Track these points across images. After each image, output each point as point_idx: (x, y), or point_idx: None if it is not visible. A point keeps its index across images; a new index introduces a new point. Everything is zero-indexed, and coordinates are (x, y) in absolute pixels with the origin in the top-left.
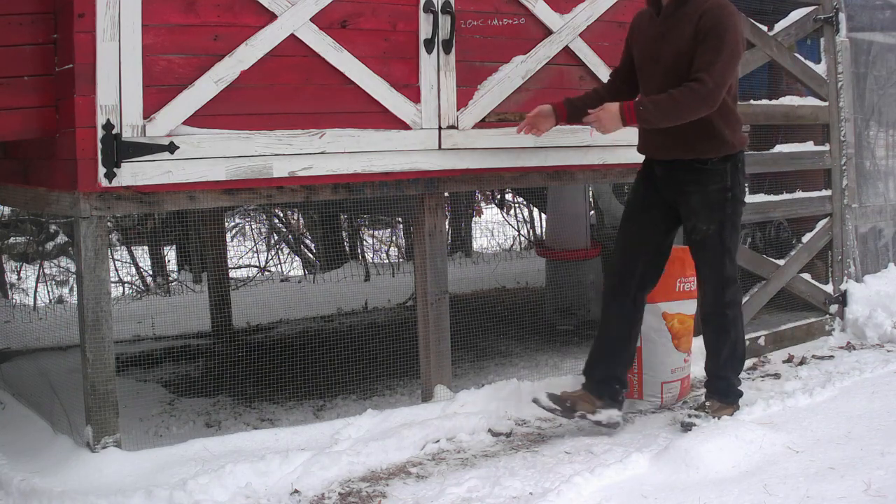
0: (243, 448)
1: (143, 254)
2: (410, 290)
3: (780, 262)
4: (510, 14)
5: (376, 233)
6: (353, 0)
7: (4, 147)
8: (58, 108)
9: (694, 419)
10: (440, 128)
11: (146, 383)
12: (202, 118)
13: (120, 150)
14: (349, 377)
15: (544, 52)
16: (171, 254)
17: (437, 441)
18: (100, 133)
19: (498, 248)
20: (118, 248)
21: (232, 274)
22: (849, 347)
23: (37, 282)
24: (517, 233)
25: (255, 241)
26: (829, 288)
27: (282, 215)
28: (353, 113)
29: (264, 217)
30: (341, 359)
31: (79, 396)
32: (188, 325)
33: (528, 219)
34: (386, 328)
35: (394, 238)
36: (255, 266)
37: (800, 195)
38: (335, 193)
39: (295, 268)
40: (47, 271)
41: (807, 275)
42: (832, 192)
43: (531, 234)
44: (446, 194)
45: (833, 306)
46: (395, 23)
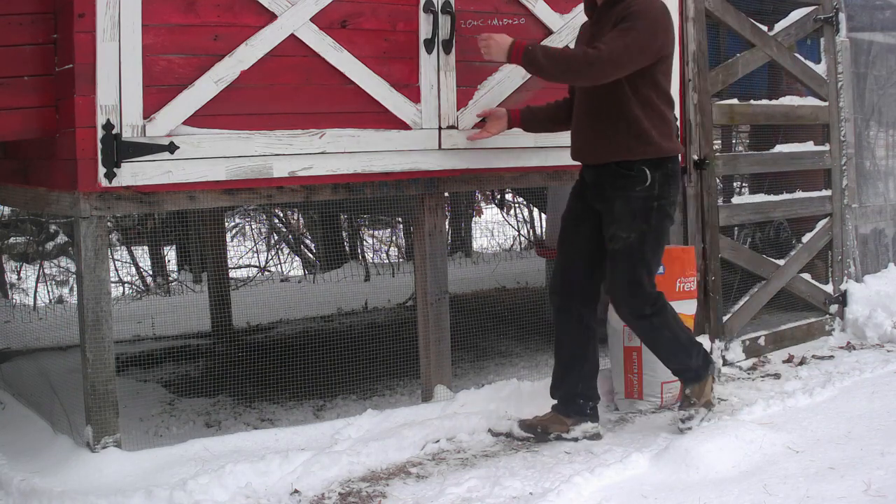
0: (243, 448)
1: (143, 254)
2: (410, 290)
3: (780, 262)
4: (510, 14)
5: (376, 233)
6: (353, 0)
7: (4, 147)
8: (58, 108)
9: (687, 421)
10: (440, 128)
11: (146, 383)
12: (202, 118)
13: (120, 150)
14: (349, 377)
15: None
16: (171, 254)
17: (437, 441)
18: (100, 133)
19: (498, 248)
20: (118, 248)
21: (232, 274)
22: (849, 347)
23: (37, 282)
24: (517, 233)
25: (255, 241)
26: (829, 288)
27: (282, 215)
28: (353, 113)
29: (264, 217)
30: (341, 359)
31: (79, 396)
32: (188, 325)
33: (528, 219)
34: (386, 328)
35: (394, 238)
36: (255, 266)
37: (800, 195)
38: (335, 193)
39: (295, 268)
40: (47, 271)
41: (807, 275)
42: (832, 192)
43: (531, 234)
44: (446, 194)
45: (833, 306)
46: (395, 23)
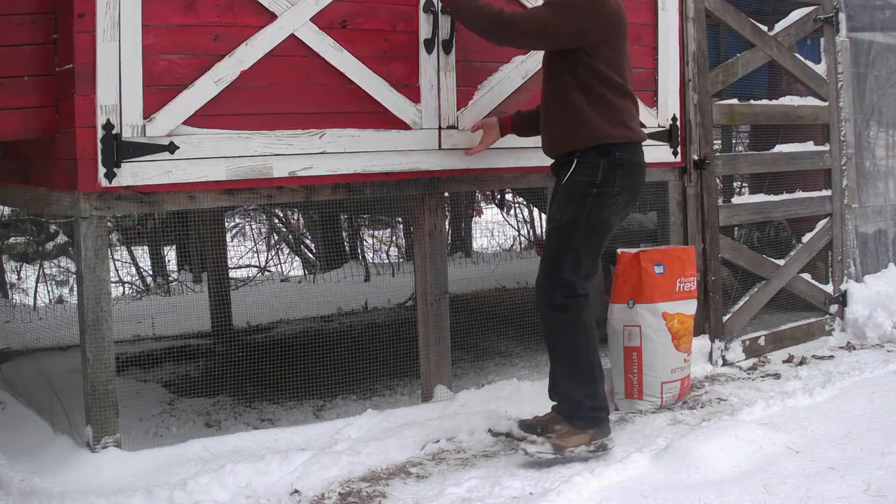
0: (243, 448)
1: (143, 254)
2: (410, 290)
3: (780, 262)
4: None
5: (376, 233)
6: (353, 0)
7: (4, 147)
8: (58, 108)
9: (523, 441)
10: (440, 128)
11: (146, 383)
12: (202, 118)
13: (120, 150)
14: (349, 377)
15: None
16: (171, 254)
17: (437, 441)
18: (100, 133)
19: (498, 248)
20: (118, 248)
21: (232, 274)
22: (849, 347)
23: (37, 282)
24: (517, 233)
25: (255, 241)
26: (829, 288)
27: (282, 215)
28: (353, 113)
29: (264, 217)
30: (341, 359)
31: (79, 396)
32: (188, 325)
33: (528, 219)
34: (386, 328)
35: (394, 238)
36: (255, 266)
37: (800, 195)
38: (335, 193)
39: (295, 268)
40: (47, 271)
41: (807, 275)
42: (832, 193)
43: (531, 234)
44: (446, 194)
45: (833, 306)
46: (395, 23)
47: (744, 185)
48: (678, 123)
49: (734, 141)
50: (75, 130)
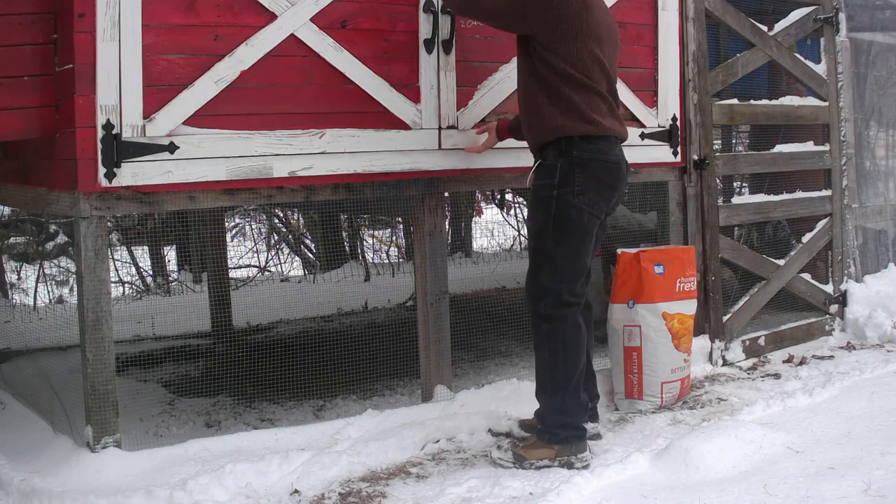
0: (243, 448)
1: (143, 254)
2: (410, 290)
3: (780, 262)
4: None
5: (376, 233)
6: (353, 0)
7: (4, 147)
8: (58, 108)
9: (498, 450)
10: (440, 128)
11: (146, 383)
12: (202, 118)
13: (120, 150)
14: (349, 377)
15: None
16: (171, 254)
17: (437, 441)
18: (100, 133)
19: (498, 248)
20: (118, 248)
21: (232, 274)
22: (849, 347)
23: (37, 282)
24: (517, 233)
25: (255, 241)
26: (829, 288)
27: (282, 215)
28: (353, 113)
29: (264, 217)
30: (341, 359)
31: (79, 396)
32: (188, 325)
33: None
34: (386, 328)
35: (394, 238)
36: (255, 266)
37: (800, 195)
38: (335, 193)
39: (295, 268)
40: (47, 271)
41: (807, 275)
42: (832, 193)
43: None
44: (446, 194)
45: (833, 306)
46: (395, 23)
47: (744, 185)
48: (678, 123)
49: (734, 141)
50: (75, 130)
